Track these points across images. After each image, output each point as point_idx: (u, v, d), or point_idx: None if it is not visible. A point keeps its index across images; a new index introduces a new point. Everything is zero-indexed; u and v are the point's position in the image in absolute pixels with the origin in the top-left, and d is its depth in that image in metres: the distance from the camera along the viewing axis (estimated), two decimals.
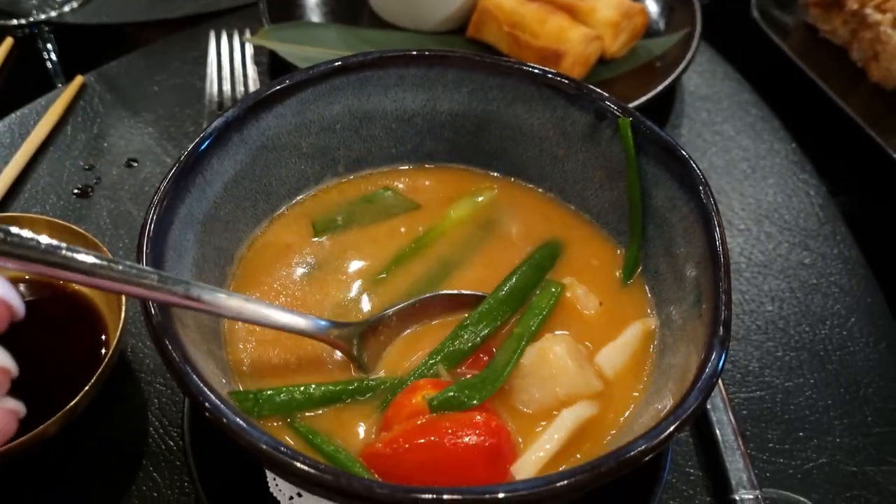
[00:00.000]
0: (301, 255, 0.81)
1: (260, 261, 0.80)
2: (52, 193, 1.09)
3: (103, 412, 0.87)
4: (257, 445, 0.56)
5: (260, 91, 0.78)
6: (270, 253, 0.81)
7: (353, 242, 0.83)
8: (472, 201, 0.86)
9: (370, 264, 0.81)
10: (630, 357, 0.74)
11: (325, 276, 0.80)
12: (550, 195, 0.87)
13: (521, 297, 0.77)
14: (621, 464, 0.56)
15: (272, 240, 0.82)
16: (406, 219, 0.85)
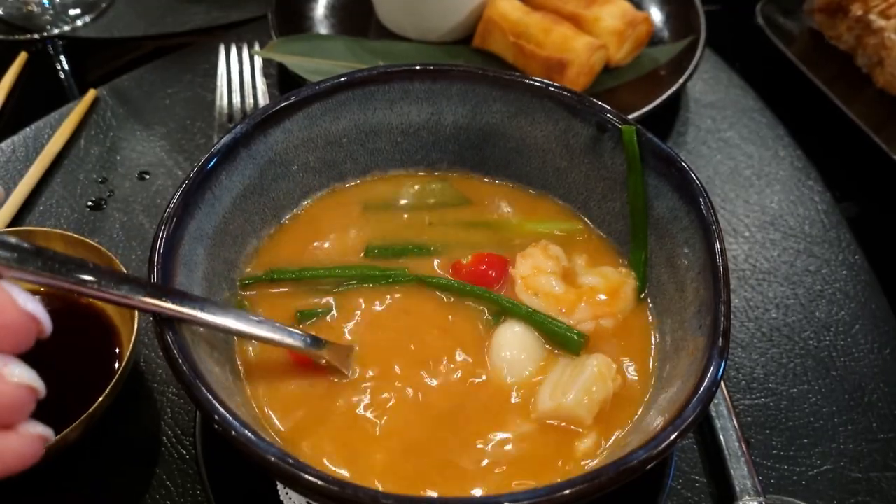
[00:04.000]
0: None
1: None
2: (65, 206, 1.11)
3: (117, 422, 0.89)
4: (265, 457, 0.57)
5: (267, 107, 0.80)
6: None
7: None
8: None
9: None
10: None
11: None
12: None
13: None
14: (621, 473, 0.57)
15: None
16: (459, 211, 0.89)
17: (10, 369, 0.49)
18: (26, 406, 0.50)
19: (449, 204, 0.89)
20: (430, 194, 0.89)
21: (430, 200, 0.89)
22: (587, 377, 0.71)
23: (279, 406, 0.72)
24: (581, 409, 0.70)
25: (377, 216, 0.87)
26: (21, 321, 0.49)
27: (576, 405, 0.70)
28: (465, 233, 0.85)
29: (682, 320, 0.73)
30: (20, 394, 0.49)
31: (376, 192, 0.89)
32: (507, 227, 0.87)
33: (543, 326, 0.76)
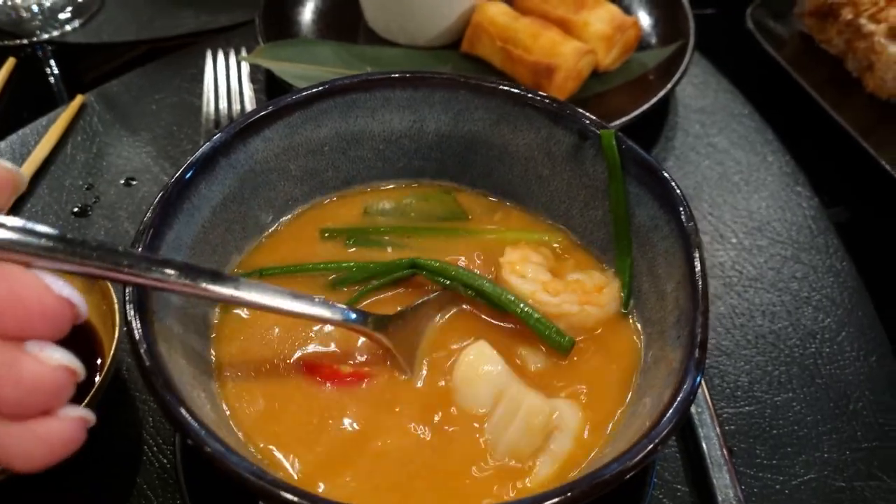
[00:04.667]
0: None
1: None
2: (50, 213, 1.11)
3: (98, 430, 0.88)
4: (239, 473, 0.57)
5: (247, 116, 0.79)
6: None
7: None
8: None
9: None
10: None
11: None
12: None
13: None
14: (594, 487, 0.57)
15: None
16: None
17: (48, 353, 0.49)
18: (66, 389, 0.51)
19: (432, 215, 0.89)
20: (413, 206, 0.89)
21: (412, 213, 0.89)
22: (517, 429, 0.70)
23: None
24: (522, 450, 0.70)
25: (356, 229, 0.87)
26: (58, 307, 0.50)
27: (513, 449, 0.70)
28: (445, 242, 0.86)
29: (662, 330, 0.73)
30: (60, 376, 0.50)
31: (355, 206, 0.90)
32: (482, 235, 0.87)
33: (535, 327, 0.76)
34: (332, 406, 0.72)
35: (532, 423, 0.69)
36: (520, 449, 0.69)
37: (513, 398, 0.70)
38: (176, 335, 0.68)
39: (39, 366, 0.49)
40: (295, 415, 0.71)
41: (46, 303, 0.49)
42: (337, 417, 0.71)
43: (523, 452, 0.69)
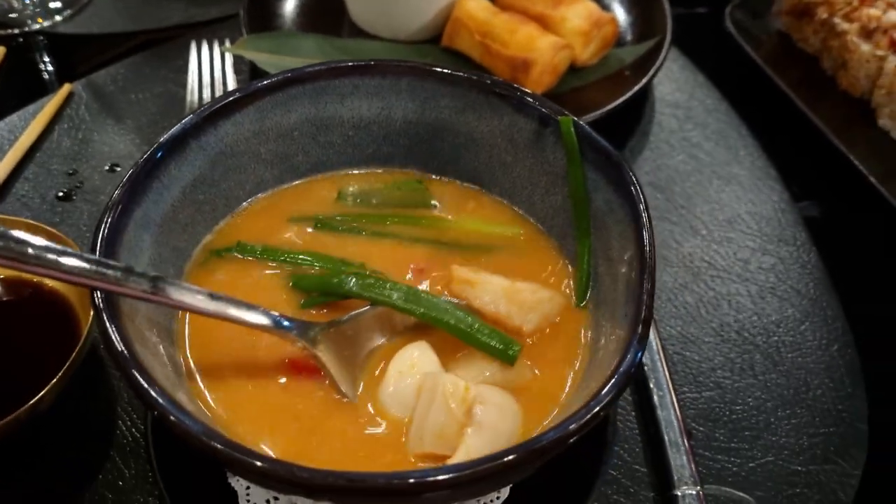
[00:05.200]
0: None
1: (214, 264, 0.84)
2: (36, 197, 1.14)
3: (74, 403, 0.91)
4: (199, 437, 0.59)
5: (217, 100, 0.82)
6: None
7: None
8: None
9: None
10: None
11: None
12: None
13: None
14: (535, 451, 0.59)
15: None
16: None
17: None
18: None
19: (402, 202, 0.91)
20: (384, 193, 0.91)
21: (383, 200, 0.91)
22: (437, 408, 0.71)
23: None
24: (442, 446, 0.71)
25: (324, 211, 0.89)
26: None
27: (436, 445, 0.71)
28: (402, 227, 0.88)
29: (613, 311, 0.76)
30: None
31: (322, 190, 0.92)
32: (446, 225, 0.89)
33: (476, 341, 0.75)
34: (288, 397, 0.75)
35: (449, 402, 0.70)
36: (445, 433, 0.70)
37: (430, 385, 0.72)
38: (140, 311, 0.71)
39: None
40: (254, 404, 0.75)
41: None
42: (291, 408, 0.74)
43: (449, 435, 0.70)
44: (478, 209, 0.91)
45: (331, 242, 0.87)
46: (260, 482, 0.62)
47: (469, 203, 0.92)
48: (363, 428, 0.73)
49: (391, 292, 0.77)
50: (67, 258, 0.63)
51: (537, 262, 0.86)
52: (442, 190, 0.93)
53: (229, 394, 0.75)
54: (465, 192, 0.92)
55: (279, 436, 0.72)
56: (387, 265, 0.85)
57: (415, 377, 0.74)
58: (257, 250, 0.84)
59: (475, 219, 0.90)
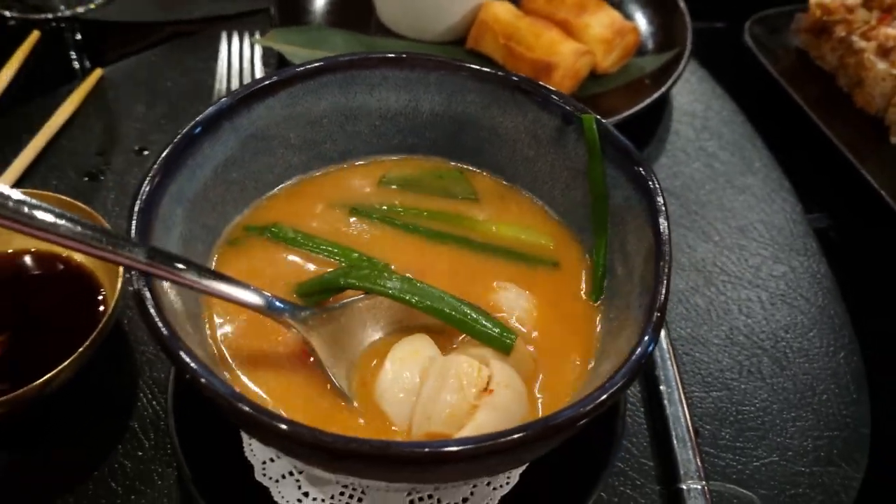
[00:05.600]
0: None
1: (245, 243, 0.86)
2: (64, 176, 1.17)
3: (98, 377, 0.94)
4: (228, 399, 0.61)
5: (252, 83, 0.84)
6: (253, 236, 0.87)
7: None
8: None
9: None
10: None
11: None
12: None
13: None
14: (549, 428, 0.61)
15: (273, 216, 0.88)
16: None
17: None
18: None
19: (445, 191, 0.93)
20: (426, 182, 0.93)
21: (425, 189, 0.93)
22: (450, 387, 0.71)
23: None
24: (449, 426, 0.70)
25: (362, 197, 0.91)
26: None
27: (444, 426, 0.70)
28: (438, 223, 0.89)
29: (627, 303, 0.77)
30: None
31: (358, 177, 0.94)
32: (474, 225, 0.90)
33: (471, 329, 0.75)
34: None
35: (462, 380, 0.70)
36: (456, 412, 0.70)
37: (441, 365, 0.72)
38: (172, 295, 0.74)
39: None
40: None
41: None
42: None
43: (459, 415, 0.70)
44: (513, 208, 0.92)
45: (363, 232, 0.88)
46: (284, 447, 0.64)
47: (509, 201, 0.93)
48: (357, 419, 0.74)
49: (385, 282, 0.76)
50: (60, 220, 0.62)
51: (561, 283, 0.86)
52: (484, 184, 0.94)
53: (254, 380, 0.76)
54: (501, 187, 0.93)
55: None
56: (415, 265, 0.85)
57: (417, 363, 0.74)
58: (289, 235, 0.86)
59: (511, 221, 0.90)
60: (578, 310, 0.82)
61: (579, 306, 0.83)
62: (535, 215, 0.91)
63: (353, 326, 0.78)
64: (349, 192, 0.91)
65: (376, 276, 0.77)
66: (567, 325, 0.81)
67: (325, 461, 0.64)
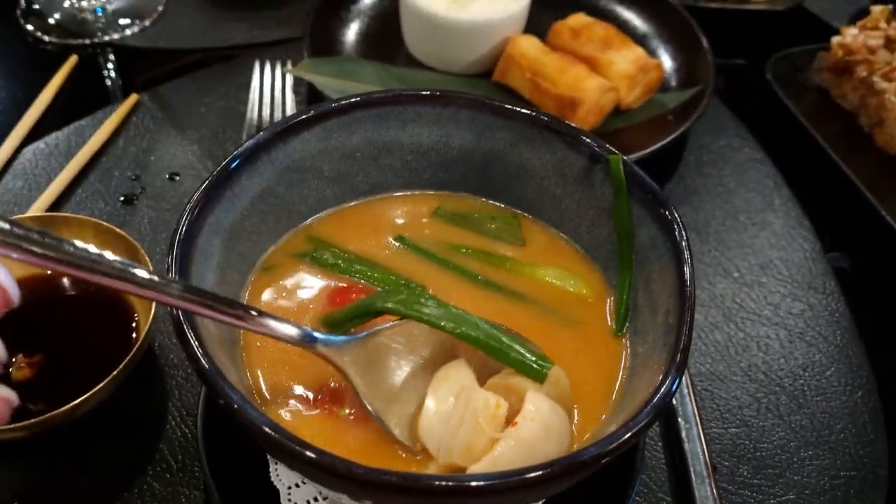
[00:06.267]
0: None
1: (280, 270, 0.89)
2: (99, 199, 1.20)
3: (129, 399, 0.96)
4: (259, 426, 0.63)
5: (289, 118, 0.87)
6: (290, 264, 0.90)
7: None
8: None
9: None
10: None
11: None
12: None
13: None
14: (573, 465, 0.63)
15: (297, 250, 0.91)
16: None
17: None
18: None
19: (494, 233, 0.94)
20: (478, 221, 0.95)
21: (476, 226, 0.95)
22: (467, 425, 0.71)
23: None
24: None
25: (393, 229, 0.94)
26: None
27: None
28: (467, 261, 0.91)
29: (652, 340, 0.79)
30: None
31: (426, 205, 0.97)
32: (516, 267, 0.91)
33: (505, 357, 0.75)
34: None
35: (478, 418, 0.71)
36: (473, 448, 0.71)
37: (464, 399, 0.73)
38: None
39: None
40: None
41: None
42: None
43: (476, 451, 0.71)
44: (557, 258, 0.93)
45: (401, 261, 0.90)
46: (315, 476, 0.66)
47: (550, 249, 0.94)
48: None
49: (421, 307, 0.76)
50: (102, 259, 0.61)
51: (587, 319, 0.87)
52: (534, 231, 0.95)
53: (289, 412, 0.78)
54: (554, 238, 0.94)
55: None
56: (452, 298, 0.84)
57: (450, 392, 0.74)
58: (329, 260, 0.88)
59: (555, 266, 0.91)
60: (603, 346, 0.84)
61: (604, 343, 0.84)
62: (578, 263, 0.92)
63: (388, 354, 0.77)
64: (386, 223, 0.94)
65: (412, 301, 0.77)
66: (591, 361, 0.83)
67: (355, 490, 0.66)
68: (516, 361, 0.75)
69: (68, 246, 0.59)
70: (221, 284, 0.81)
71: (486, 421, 0.71)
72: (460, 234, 0.94)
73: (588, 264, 0.92)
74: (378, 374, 0.76)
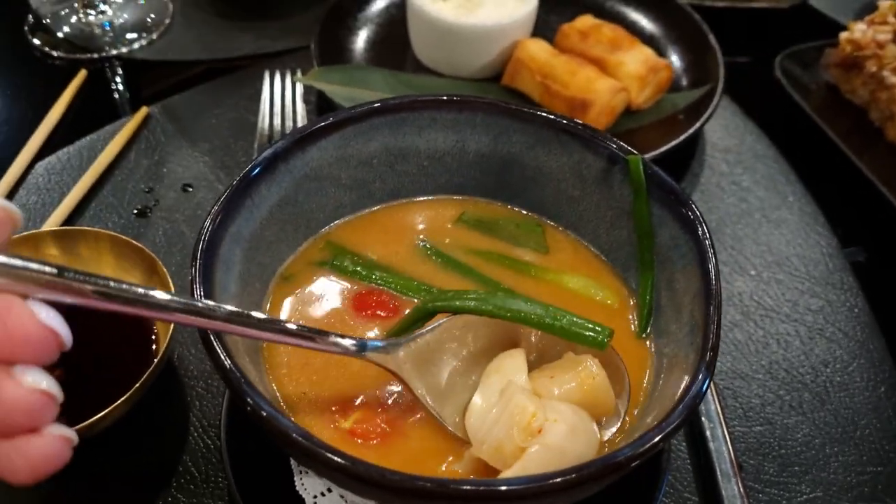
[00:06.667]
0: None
1: (300, 278, 0.89)
2: (113, 212, 1.20)
3: (150, 412, 0.96)
4: (286, 433, 0.63)
5: (306, 126, 0.87)
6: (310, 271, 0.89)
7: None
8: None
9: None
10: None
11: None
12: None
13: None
14: (607, 467, 0.63)
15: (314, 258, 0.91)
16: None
17: (29, 377, 0.51)
18: (46, 411, 0.52)
19: (517, 240, 0.94)
20: (503, 228, 0.95)
21: (500, 233, 0.95)
22: (500, 427, 0.71)
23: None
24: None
25: (412, 235, 0.94)
26: (41, 335, 0.52)
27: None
28: (491, 268, 0.91)
29: (677, 339, 0.79)
30: (37, 399, 0.52)
31: (451, 209, 0.97)
32: (540, 273, 0.91)
33: (561, 331, 0.73)
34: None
35: (512, 427, 0.70)
36: (503, 451, 0.70)
37: (507, 397, 0.72)
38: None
39: (18, 389, 0.51)
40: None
41: (30, 331, 0.51)
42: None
43: (506, 455, 0.70)
44: (581, 266, 0.92)
45: (422, 270, 0.90)
46: (346, 483, 0.66)
47: (573, 255, 0.93)
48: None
49: (466, 299, 0.76)
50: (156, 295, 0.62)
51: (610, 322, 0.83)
52: (555, 237, 0.95)
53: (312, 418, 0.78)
54: (578, 247, 0.94)
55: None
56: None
57: (499, 383, 0.75)
58: (349, 267, 0.88)
59: (574, 273, 0.91)
60: (627, 349, 0.83)
61: (628, 345, 0.84)
62: (602, 272, 0.92)
63: (440, 351, 0.78)
64: (406, 229, 0.94)
65: (458, 296, 0.77)
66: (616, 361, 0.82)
67: (387, 497, 0.66)
68: (573, 333, 0.73)
69: (117, 284, 0.60)
70: (243, 295, 0.81)
71: (519, 429, 0.70)
72: (482, 240, 0.94)
73: (610, 271, 0.91)
74: (431, 372, 0.77)
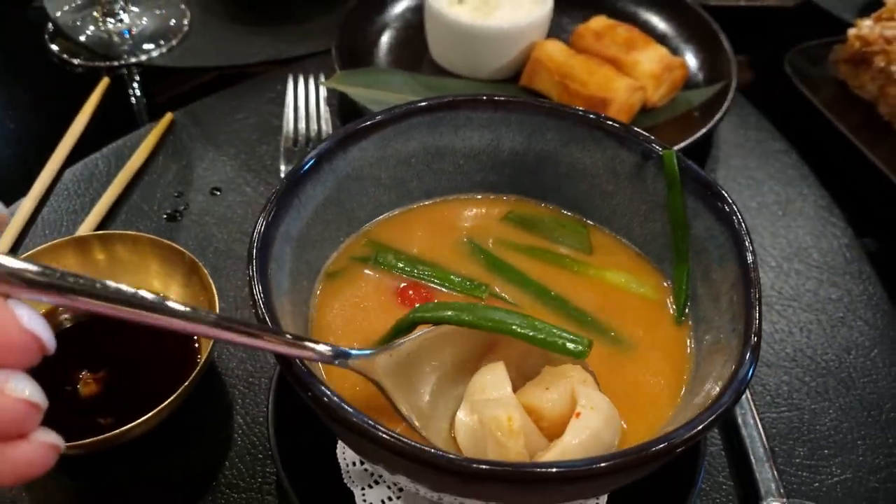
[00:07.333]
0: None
1: (345, 275, 0.91)
2: (144, 217, 1.22)
3: (196, 411, 0.98)
4: (355, 422, 0.65)
5: (348, 128, 0.89)
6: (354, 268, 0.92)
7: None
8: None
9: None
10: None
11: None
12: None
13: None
14: (661, 450, 0.65)
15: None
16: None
17: (12, 385, 0.50)
18: (29, 418, 0.51)
19: (562, 239, 0.96)
20: (549, 227, 0.97)
21: (545, 232, 0.97)
22: (492, 448, 0.72)
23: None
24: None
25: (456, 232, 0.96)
26: (22, 340, 0.50)
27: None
28: (532, 264, 0.93)
29: (717, 327, 0.81)
30: (20, 407, 0.50)
31: (497, 208, 0.99)
32: (583, 270, 0.93)
33: (541, 342, 0.74)
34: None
35: (499, 438, 0.71)
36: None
37: (479, 416, 0.73)
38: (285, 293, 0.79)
39: (1, 397, 0.49)
40: None
41: (11, 336, 0.50)
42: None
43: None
44: (624, 262, 0.94)
45: (464, 266, 0.92)
46: (407, 468, 0.67)
47: (616, 255, 0.95)
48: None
49: (445, 310, 0.76)
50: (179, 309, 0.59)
51: (648, 313, 0.89)
52: (603, 240, 0.96)
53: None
54: (620, 248, 0.96)
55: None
56: (518, 299, 0.89)
57: (476, 407, 0.75)
58: (393, 262, 0.90)
59: (616, 269, 0.93)
60: (668, 338, 0.86)
61: (669, 334, 0.87)
62: (644, 272, 0.93)
63: (422, 361, 0.77)
64: (447, 226, 0.96)
65: (439, 307, 0.77)
66: (658, 352, 0.85)
67: (450, 481, 0.68)
68: (553, 344, 0.73)
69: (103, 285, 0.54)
70: (293, 292, 0.83)
71: (505, 436, 0.71)
72: (527, 238, 0.96)
73: (649, 265, 0.93)
74: (414, 384, 0.77)
